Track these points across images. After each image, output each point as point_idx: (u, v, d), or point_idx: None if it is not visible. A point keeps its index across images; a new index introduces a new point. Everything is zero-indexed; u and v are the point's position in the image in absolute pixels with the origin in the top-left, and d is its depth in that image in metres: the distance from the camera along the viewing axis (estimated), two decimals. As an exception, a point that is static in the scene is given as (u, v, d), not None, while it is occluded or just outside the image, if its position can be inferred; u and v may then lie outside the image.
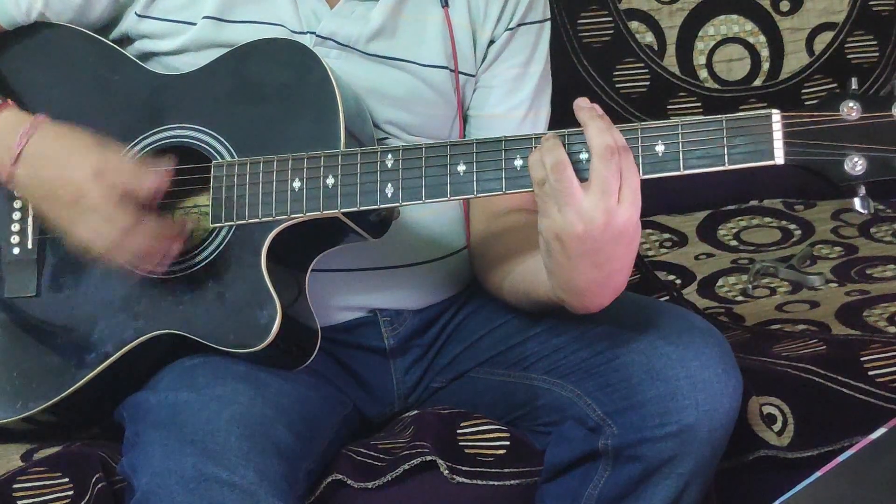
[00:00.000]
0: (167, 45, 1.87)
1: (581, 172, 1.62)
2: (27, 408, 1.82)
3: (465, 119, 1.95)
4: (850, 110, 1.61)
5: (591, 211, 1.60)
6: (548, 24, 1.98)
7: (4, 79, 1.88)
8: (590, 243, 1.61)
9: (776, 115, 1.62)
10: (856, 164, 1.61)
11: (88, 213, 1.71)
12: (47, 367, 1.82)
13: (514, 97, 1.95)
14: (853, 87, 1.63)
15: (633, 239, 1.64)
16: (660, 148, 1.64)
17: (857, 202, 1.63)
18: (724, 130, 1.63)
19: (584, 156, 1.63)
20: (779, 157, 1.62)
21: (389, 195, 1.71)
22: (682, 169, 1.64)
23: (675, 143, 1.64)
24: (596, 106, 1.65)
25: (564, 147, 1.63)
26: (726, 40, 2.78)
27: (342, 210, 1.73)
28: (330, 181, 1.73)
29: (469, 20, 1.92)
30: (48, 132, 1.76)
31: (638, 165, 1.63)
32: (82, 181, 1.71)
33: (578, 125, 1.65)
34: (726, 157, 1.63)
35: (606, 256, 1.63)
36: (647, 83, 2.75)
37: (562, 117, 1.99)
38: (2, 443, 1.90)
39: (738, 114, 1.64)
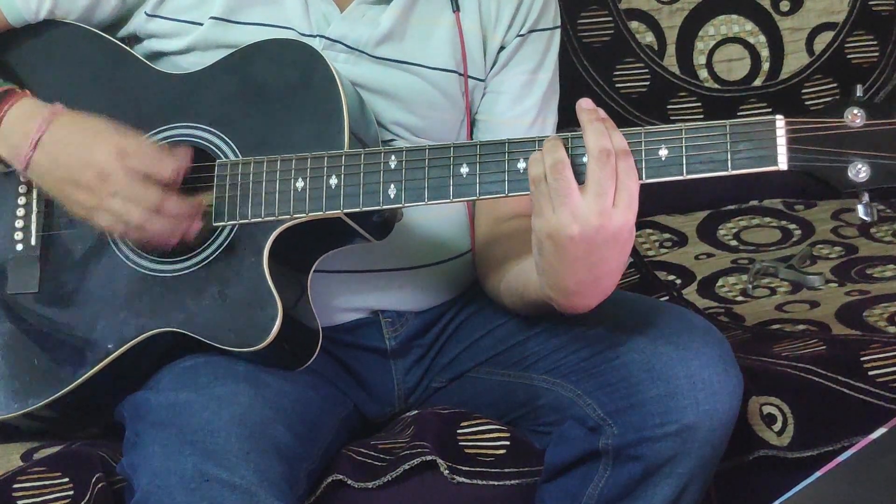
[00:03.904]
0: (175, 44, 1.88)
1: (582, 176, 1.62)
2: (27, 404, 1.82)
3: (473, 123, 1.95)
4: (855, 117, 1.60)
5: (586, 213, 1.60)
6: (558, 32, 1.97)
7: (13, 76, 1.88)
8: (582, 245, 1.61)
9: (780, 120, 1.62)
10: (859, 171, 1.60)
11: (113, 194, 1.72)
12: (48, 363, 1.82)
13: (522, 104, 1.95)
14: (858, 93, 1.63)
15: (627, 243, 1.64)
16: (663, 152, 1.64)
17: (860, 209, 1.62)
18: (728, 136, 1.63)
19: (586, 159, 1.63)
20: (782, 163, 1.62)
21: (392, 196, 1.71)
22: (685, 174, 1.64)
23: (679, 147, 1.64)
24: (599, 109, 1.64)
25: (567, 150, 1.63)
26: (726, 40, 2.77)
27: (345, 210, 1.73)
28: (333, 181, 1.73)
29: (480, 25, 1.91)
30: (66, 119, 1.77)
31: (641, 169, 1.63)
32: (105, 162, 1.73)
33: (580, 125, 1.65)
34: (730, 162, 1.63)
35: (598, 259, 1.63)
36: (647, 83, 2.75)
37: (562, 117, 1.99)
38: (2, 443, 1.90)
39: (741, 119, 1.64)
